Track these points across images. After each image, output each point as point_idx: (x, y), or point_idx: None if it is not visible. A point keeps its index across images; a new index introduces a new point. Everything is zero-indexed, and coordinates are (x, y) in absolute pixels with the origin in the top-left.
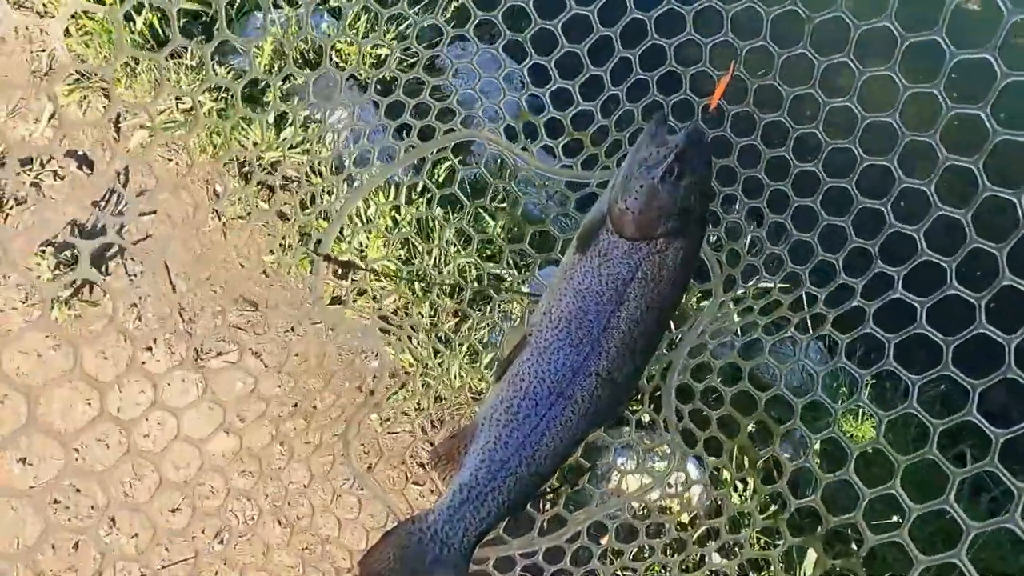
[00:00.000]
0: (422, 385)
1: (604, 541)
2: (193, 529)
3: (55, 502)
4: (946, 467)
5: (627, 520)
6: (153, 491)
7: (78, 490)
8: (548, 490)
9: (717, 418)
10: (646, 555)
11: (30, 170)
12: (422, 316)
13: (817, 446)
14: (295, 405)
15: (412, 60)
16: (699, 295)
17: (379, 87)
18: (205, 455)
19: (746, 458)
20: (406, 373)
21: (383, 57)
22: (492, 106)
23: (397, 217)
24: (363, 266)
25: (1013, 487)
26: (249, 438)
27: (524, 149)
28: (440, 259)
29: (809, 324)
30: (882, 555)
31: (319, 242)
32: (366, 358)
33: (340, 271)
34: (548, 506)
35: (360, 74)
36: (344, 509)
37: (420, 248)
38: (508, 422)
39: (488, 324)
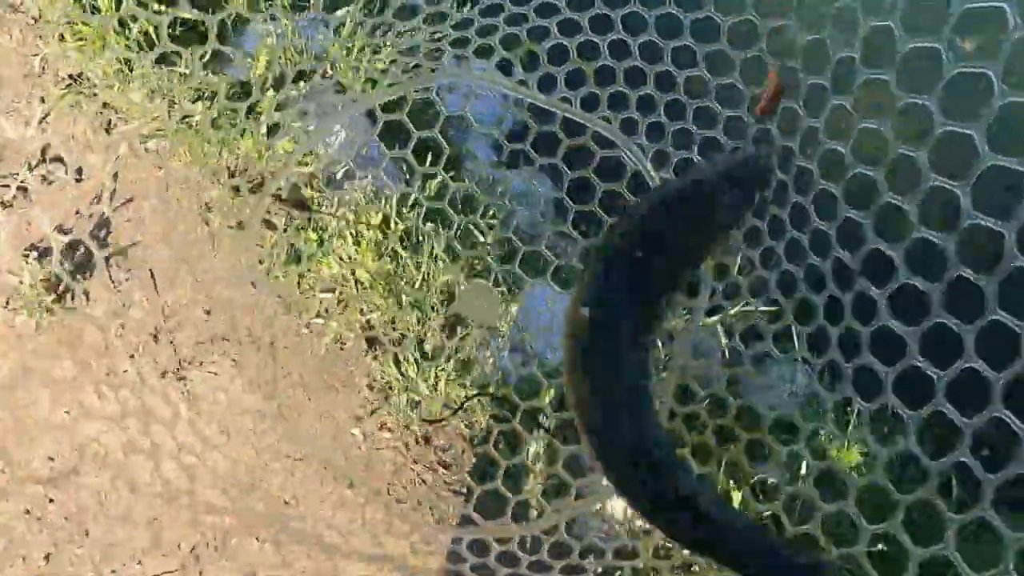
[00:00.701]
0: (407, 402)
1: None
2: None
3: (26, 512)
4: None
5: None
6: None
7: (51, 500)
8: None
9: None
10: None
11: (17, 174)
12: (407, 332)
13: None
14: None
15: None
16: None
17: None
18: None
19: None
20: (391, 388)
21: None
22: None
23: (386, 231)
24: (318, 209)
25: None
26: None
27: (522, 83)
28: (429, 272)
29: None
30: None
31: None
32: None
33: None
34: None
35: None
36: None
37: (409, 260)
38: None
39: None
